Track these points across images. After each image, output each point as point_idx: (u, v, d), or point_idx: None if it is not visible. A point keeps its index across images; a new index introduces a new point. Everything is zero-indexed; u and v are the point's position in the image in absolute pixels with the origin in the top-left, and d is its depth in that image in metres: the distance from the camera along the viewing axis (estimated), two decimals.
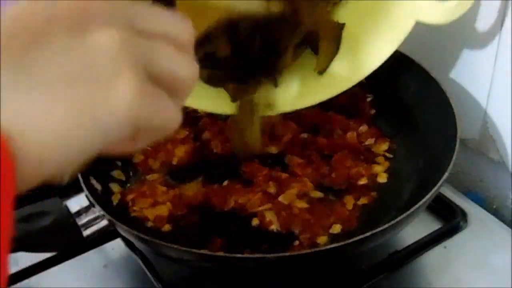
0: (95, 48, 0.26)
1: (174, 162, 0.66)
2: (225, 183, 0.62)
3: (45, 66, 0.25)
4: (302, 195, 0.60)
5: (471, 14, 0.54)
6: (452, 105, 0.59)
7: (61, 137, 0.25)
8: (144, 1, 0.29)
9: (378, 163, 0.64)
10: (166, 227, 0.59)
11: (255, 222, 0.59)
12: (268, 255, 0.50)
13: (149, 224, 0.59)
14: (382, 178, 0.63)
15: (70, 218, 0.53)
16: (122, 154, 0.30)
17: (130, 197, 0.61)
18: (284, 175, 0.62)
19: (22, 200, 0.25)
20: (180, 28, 0.30)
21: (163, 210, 0.60)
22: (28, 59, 0.24)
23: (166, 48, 0.29)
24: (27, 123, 0.24)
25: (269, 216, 0.58)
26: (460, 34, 0.55)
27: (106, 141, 0.26)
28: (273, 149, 0.66)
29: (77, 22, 0.26)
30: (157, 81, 0.28)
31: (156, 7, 0.30)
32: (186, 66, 0.30)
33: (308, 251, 0.52)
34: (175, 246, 0.49)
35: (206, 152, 0.67)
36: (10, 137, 0.23)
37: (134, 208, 0.60)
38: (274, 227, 0.58)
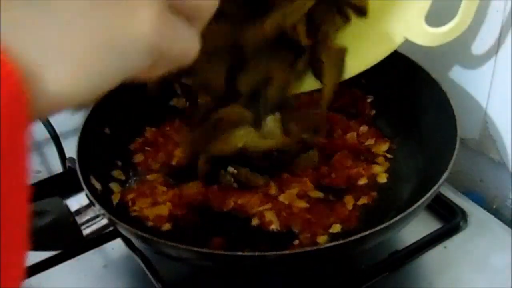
0: None
1: (174, 162, 0.66)
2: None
3: None
4: (302, 195, 0.60)
5: None
6: (452, 105, 0.59)
7: (79, 64, 0.24)
8: None
9: (378, 164, 0.64)
10: (166, 227, 0.59)
11: (255, 222, 0.59)
12: (268, 253, 0.50)
13: (149, 223, 0.59)
14: (382, 178, 0.63)
15: (70, 217, 0.53)
16: (139, 81, 0.29)
17: (130, 196, 0.61)
18: (284, 175, 0.62)
19: None
20: None
21: (163, 209, 0.60)
22: None
23: None
24: (42, 50, 0.23)
25: (269, 216, 0.58)
26: (460, 34, 0.56)
27: (126, 69, 0.26)
28: None
29: None
30: (176, 9, 0.28)
31: None
32: None
33: (308, 249, 0.52)
34: (175, 244, 0.49)
35: None
36: (21, 65, 0.22)
37: (134, 207, 0.60)
38: (274, 227, 0.58)
